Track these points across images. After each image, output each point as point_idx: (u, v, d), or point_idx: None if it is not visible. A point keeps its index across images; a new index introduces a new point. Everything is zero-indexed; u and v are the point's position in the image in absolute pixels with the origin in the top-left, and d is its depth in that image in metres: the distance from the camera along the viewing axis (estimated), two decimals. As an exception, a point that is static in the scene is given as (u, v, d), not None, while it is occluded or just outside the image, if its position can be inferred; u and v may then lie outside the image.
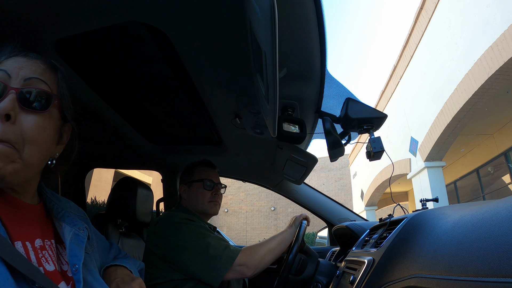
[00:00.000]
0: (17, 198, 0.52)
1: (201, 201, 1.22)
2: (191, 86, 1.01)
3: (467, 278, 0.36)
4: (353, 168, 11.02)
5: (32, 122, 0.48)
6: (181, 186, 1.28)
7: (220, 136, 1.39)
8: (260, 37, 0.54)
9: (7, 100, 0.46)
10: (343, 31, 73.08)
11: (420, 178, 5.87)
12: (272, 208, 13.05)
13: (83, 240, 0.57)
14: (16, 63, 0.50)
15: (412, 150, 6.11)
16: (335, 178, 12.80)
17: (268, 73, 0.58)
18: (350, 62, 63.88)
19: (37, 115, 0.49)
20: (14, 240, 0.46)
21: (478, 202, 0.59)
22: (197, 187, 1.24)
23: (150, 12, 0.70)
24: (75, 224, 0.58)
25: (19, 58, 0.52)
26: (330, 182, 12.79)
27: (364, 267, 0.72)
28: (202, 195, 1.23)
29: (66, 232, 0.56)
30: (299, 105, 1.04)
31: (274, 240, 1.14)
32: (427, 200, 0.92)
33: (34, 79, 0.50)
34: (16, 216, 0.50)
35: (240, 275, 1.03)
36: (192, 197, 1.24)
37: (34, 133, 0.48)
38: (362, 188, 9.68)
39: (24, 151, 0.47)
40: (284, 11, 0.64)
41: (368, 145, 0.97)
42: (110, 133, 1.36)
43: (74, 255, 0.53)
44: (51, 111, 0.52)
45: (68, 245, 0.54)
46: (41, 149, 0.50)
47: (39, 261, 0.48)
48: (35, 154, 0.49)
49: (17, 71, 0.50)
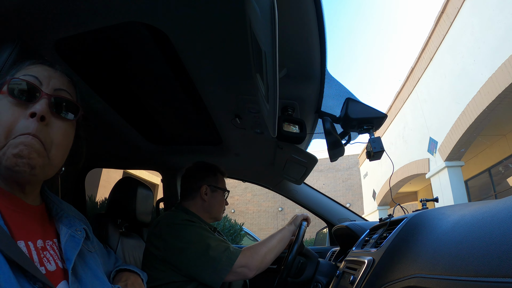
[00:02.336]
0: (21, 199, 0.53)
1: (220, 209, 1.28)
2: (191, 86, 1.01)
3: (467, 278, 0.36)
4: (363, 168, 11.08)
5: (61, 127, 0.54)
6: (204, 187, 1.23)
7: (220, 136, 1.39)
8: (260, 37, 0.54)
9: (42, 103, 0.51)
10: (343, 31, 73.30)
11: (439, 177, 6.03)
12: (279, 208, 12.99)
13: (79, 241, 0.58)
14: (45, 71, 0.55)
15: (430, 150, 6.26)
16: (343, 178, 12.80)
17: (268, 73, 0.58)
18: (355, 62, 63.81)
19: (65, 122, 0.55)
20: (17, 239, 0.46)
21: (478, 202, 0.59)
22: (220, 195, 1.27)
23: (150, 12, 0.70)
24: (72, 226, 0.59)
25: (46, 67, 0.57)
26: (337, 182, 12.78)
27: (364, 267, 0.72)
28: (221, 204, 1.29)
29: (62, 234, 0.56)
30: (299, 105, 1.04)
31: (273, 239, 1.13)
32: (427, 200, 0.92)
33: (63, 91, 0.56)
34: (19, 216, 0.50)
35: (241, 277, 1.02)
36: (213, 203, 1.24)
37: (62, 138, 0.54)
38: (374, 188, 9.75)
39: (51, 152, 0.52)
40: (284, 11, 0.64)
41: (368, 145, 0.97)
42: (110, 133, 1.36)
43: (67, 258, 0.54)
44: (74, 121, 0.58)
45: (63, 247, 0.55)
46: (64, 153, 0.56)
47: (41, 260, 0.48)
48: (59, 156, 0.54)
49: (48, 80, 0.55)
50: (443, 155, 5.77)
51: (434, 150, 6.06)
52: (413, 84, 6.80)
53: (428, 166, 6.44)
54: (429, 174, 6.40)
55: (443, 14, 5.54)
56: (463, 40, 5.09)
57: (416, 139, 6.91)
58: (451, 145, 5.47)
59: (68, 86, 0.58)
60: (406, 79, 7.18)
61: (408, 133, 7.25)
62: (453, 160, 5.67)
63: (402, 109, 7.44)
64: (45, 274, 0.46)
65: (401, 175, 7.63)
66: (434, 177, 6.23)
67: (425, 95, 6.38)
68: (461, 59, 5.15)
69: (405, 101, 7.33)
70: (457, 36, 5.23)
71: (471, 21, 4.88)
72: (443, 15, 5.54)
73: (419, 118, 6.68)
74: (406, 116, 7.29)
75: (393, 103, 7.96)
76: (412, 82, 6.88)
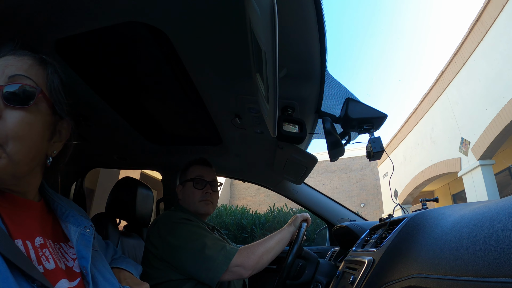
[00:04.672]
0: (19, 196, 0.52)
1: (192, 200, 1.21)
2: (191, 86, 1.01)
3: (467, 278, 0.36)
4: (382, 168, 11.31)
5: (17, 118, 0.48)
6: (177, 186, 1.29)
7: (220, 136, 1.39)
8: (260, 37, 0.54)
9: None
10: (343, 31, 73.38)
11: (472, 176, 6.40)
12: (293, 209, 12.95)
13: (90, 239, 0.57)
14: (3, 62, 0.50)
15: (462, 150, 6.60)
16: (356, 179, 12.80)
17: (268, 73, 0.58)
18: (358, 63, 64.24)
19: (22, 111, 0.48)
20: (15, 238, 0.46)
21: (478, 202, 0.59)
22: (189, 186, 1.23)
23: (150, 12, 0.70)
24: (80, 224, 0.58)
25: (8, 56, 0.52)
26: (351, 183, 12.79)
27: (364, 267, 0.72)
28: (192, 195, 1.21)
29: (72, 233, 0.56)
30: (299, 105, 1.04)
31: (272, 240, 1.12)
32: (427, 200, 0.92)
33: (18, 76, 0.50)
34: (17, 214, 0.50)
35: (237, 276, 1.02)
36: (184, 197, 1.24)
37: (18, 129, 0.48)
38: (395, 188, 10.09)
39: (8, 147, 0.46)
40: (284, 11, 0.64)
41: (368, 145, 0.97)
42: (110, 133, 1.36)
43: (82, 256, 0.54)
44: (39, 106, 0.51)
45: (75, 246, 0.54)
46: (26, 145, 0.49)
47: (39, 259, 0.48)
48: (20, 150, 0.48)
49: (3, 70, 0.49)
50: (476, 155, 6.16)
51: (467, 150, 6.43)
52: (443, 87, 7.19)
53: (460, 165, 6.81)
54: (461, 172, 6.76)
55: (477, 22, 5.97)
56: (499, 48, 5.46)
57: (446, 140, 7.27)
58: (485, 145, 5.81)
59: (28, 68, 0.52)
60: (434, 83, 7.57)
61: (437, 134, 7.62)
62: (485, 159, 6.08)
63: (430, 111, 7.81)
64: (43, 272, 0.46)
65: (428, 174, 7.96)
66: (467, 175, 6.62)
67: (457, 98, 6.77)
68: (496, 65, 5.50)
69: (433, 103, 7.69)
70: (493, 43, 5.63)
71: (508, 31, 5.26)
72: (478, 23, 5.96)
73: (449, 120, 7.05)
74: (434, 118, 7.65)
75: (419, 105, 8.32)
76: (442, 85, 7.29)
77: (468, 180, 6.63)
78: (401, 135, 9.35)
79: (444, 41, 42.42)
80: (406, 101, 43.74)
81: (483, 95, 5.89)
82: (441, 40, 70.55)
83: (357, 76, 64.16)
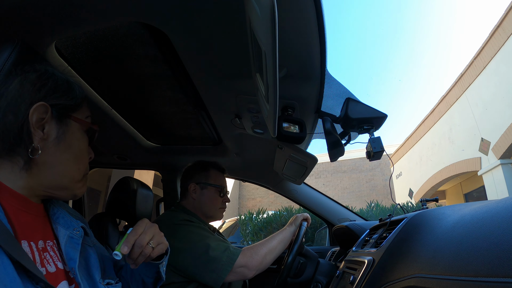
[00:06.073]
0: (27, 197, 0.53)
1: (214, 207, 1.23)
2: (191, 86, 1.01)
3: (467, 278, 0.36)
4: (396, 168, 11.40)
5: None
6: (191, 185, 1.24)
7: (220, 136, 1.39)
8: (260, 37, 0.54)
9: None
10: (343, 31, 73.05)
11: (493, 174, 6.62)
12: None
13: (78, 241, 0.57)
14: None
15: (482, 150, 6.79)
16: (366, 179, 12.82)
17: (268, 73, 0.58)
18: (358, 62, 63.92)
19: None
20: (20, 239, 0.47)
21: (478, 202, 0.59)
22: (213, 192, 1.23)
23: (150, 12, 0.70)
24: (69, 226, 0.58)
25: None
26: (361, 183, 12.80)
27: (364, 267, 0.72)
28: (215, 201, 1.24)
29: (60, 236, 0.56)
30: (299, 105, 1.04)
31: (274, 240, 1.13)
32: (427, 200, 0.92)
33: None
34: (24, 215, 0.50)
35: (241, 277, 1.02)
36: (204, 200, 1.22)
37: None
38: (410, 187, 10.19)
39: None
40: (284, 11, 0.64)
41: (368, 145, 0.97)
42: (110, 133, 1.36)
43: (70, 258, 0.54)
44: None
45: (63, 249, 0.54)
46: None
47: (42, 261, 0.49)
48: None
49: None
50: (497, 154, 6.35)
51: (487, 150, 6.63)
52: (462, 90, 7.38)
53: (480, 164, 6.98)
54: (481, 171, 6.94)
55: (499, 27, 6.15)
56: (519, 53, 5.66)
57: (465, 140, 7.45)
58: (505, 145, 5.98)
59: None
60: (453, 85, 7.76)
61: (456, 134, 7.81)
62: (505, 158, 6.28)
63: (449, 112, 7.99)
64: (45, 275, 0.46)
65: (446, 173, 8.12)
66: (487, 174, 6.81)
67: (476, 100, 6.97)
68: (517, 69, 5.68)
69: (451, 105, 7.87)
70: (513, 49, 5.82)
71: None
72: (499, 28, 6.15)
73: (468, 121, 7.24)
74: (453, 119, 7.82)
75: (437, 105, 8.48)
76: (461, 87, 7.48)
77: (488, 178, 6.86)
78: (416, 136, 9.41)
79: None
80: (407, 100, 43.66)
81: (503, 98, 6.07)
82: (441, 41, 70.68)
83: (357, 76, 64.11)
